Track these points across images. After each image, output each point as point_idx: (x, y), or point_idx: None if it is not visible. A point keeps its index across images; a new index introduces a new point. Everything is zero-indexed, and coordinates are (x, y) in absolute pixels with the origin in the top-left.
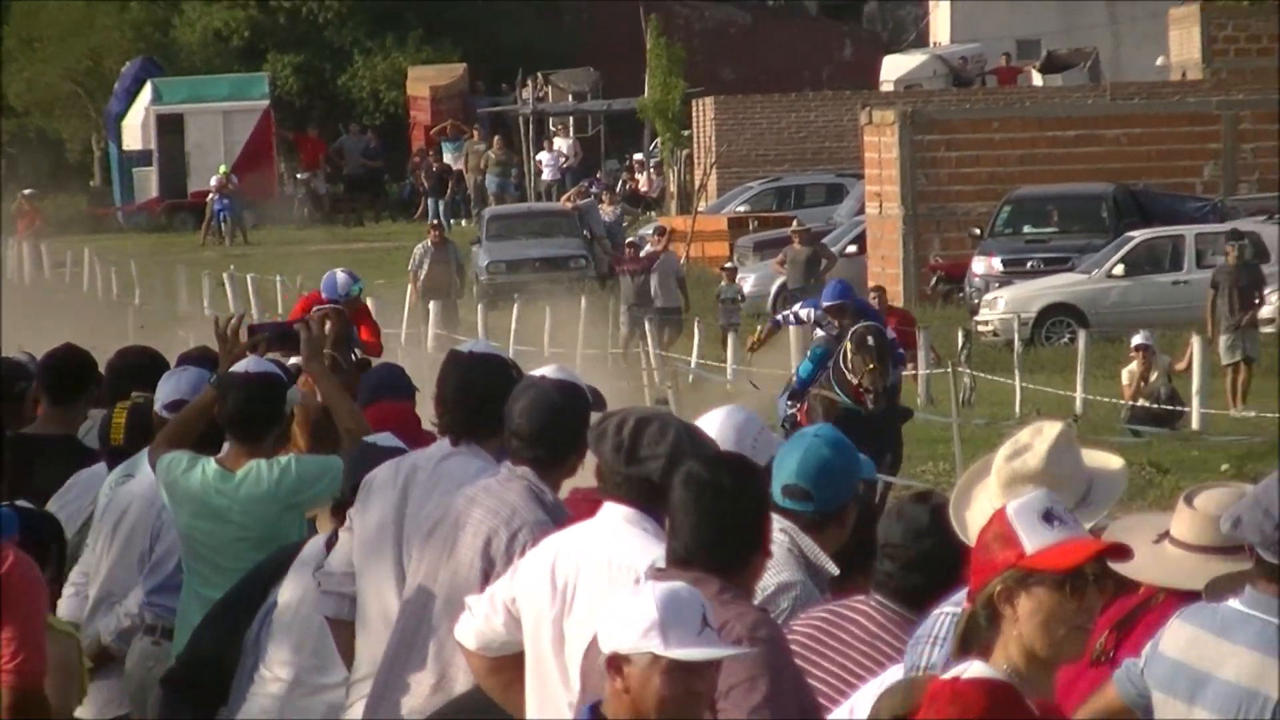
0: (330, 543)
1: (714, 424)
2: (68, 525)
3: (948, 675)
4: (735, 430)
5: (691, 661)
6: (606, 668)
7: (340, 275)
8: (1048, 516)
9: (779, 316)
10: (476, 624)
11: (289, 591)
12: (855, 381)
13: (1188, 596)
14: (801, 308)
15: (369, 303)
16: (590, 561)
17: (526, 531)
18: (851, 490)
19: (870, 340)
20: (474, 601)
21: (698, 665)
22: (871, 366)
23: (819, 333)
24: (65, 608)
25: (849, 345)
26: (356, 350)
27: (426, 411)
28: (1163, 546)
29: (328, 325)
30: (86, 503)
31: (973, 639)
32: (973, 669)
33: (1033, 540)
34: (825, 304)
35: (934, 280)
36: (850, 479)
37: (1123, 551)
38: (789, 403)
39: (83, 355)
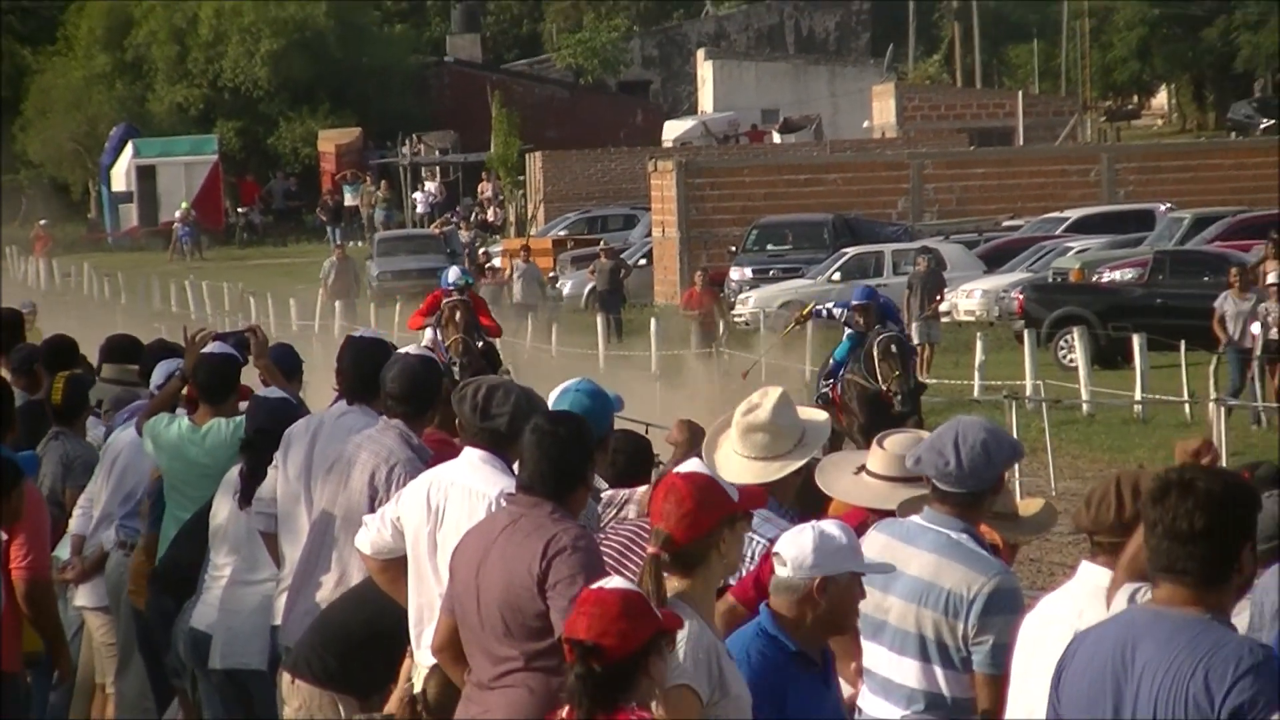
0: (242, 473)
1: (555, 392)
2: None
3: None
4: (559, 393)
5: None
6: (816, 592)
7: (453, 271)
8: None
9: (819, 308)
10: (371, 536)
11: (220, 512)
12: (885, 388)
13: (891, 515)
14: (835, 306)
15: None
16: (456, 489)
17: (400, 467)
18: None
19: (894, 349)
20: (369, 519)
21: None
22: (897, 374)
23: (848, 330)
24: (75, 524)
25: (875, 352)
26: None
27: (330, 380)
28: (861, 477)
29: (458, 315)
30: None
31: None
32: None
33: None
34: (854, 303)
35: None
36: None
37: (757, 500)
38: (825, 381)
39: (69, 341)
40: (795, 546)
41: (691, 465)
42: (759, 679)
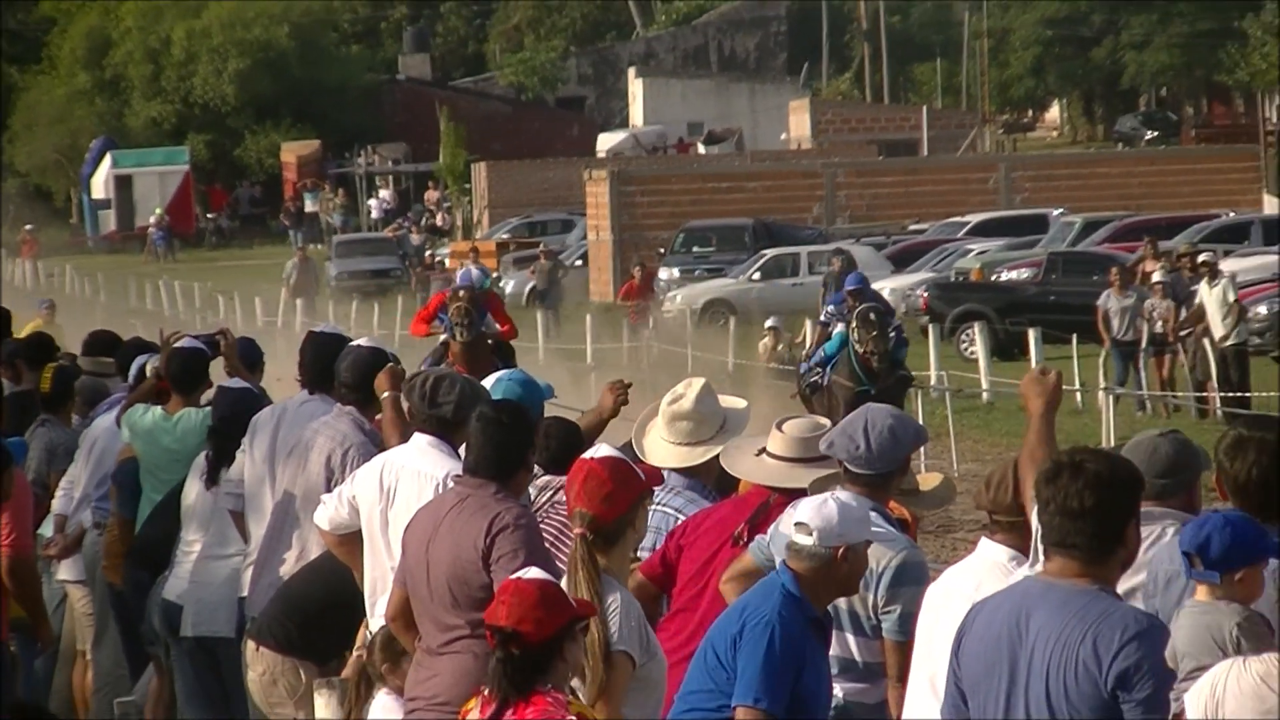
0: (208, 457)
1: (490, 380)
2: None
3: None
4: (493, 382)
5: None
6: (839, 558)
7: (474, 271)
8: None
9: (823, 319)
10: (329, 513)
11: (190, 493)
12: (862, 351)
13: (791, 494)
14: (829, 303)
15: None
16: (406, 471)
17: (354, 450)
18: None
19: (871, 316)
20: (327, 498)
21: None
22: (874, 334)
23: (840, 327)
24: (57, 504)
25: (855, 321)
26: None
27: (291, 370)
28: (762, 459)
29: (461, 293)
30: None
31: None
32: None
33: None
34: (847, 289)
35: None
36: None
37: (657, 478)
38: (815, 369)
39: (47, 337)
40: (821, 517)
41: (602, 450)
42: (788, 638)
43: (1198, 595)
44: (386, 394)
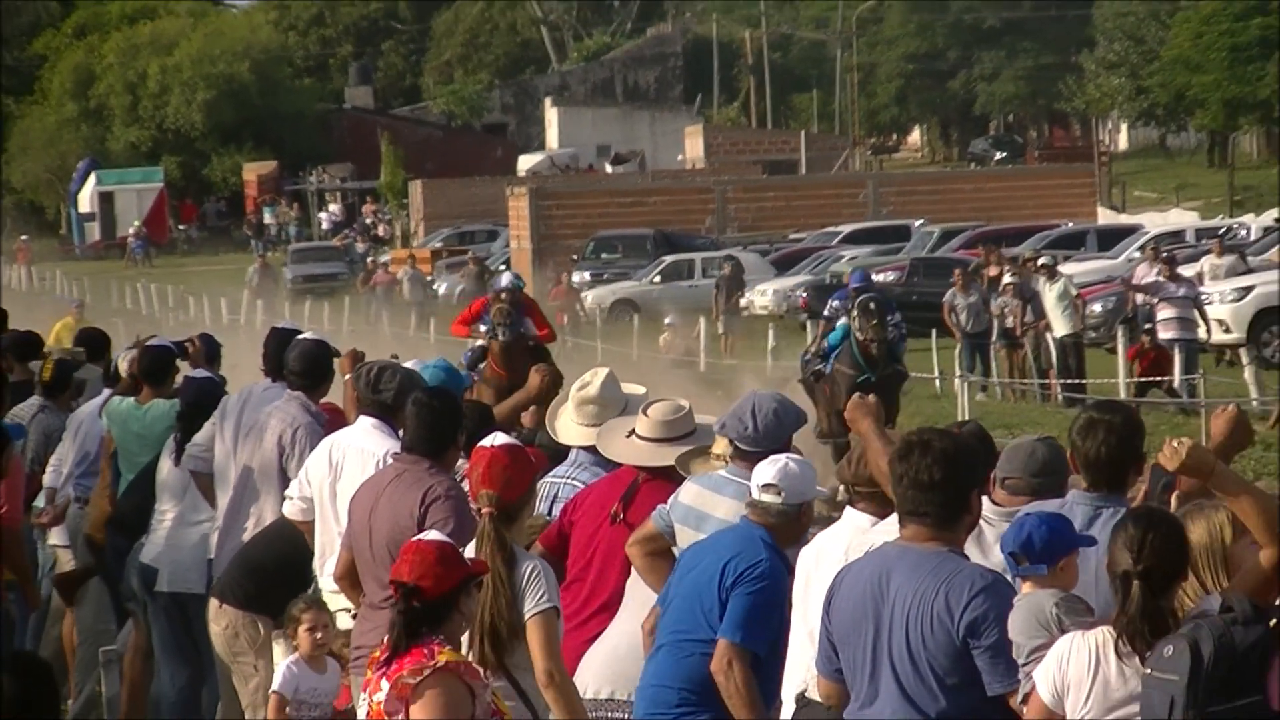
0: (176, 438)
1: (414, 365)
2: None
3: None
4: (419, 369)
5: None
6: (803, 514)
7: (506, 276)
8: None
9: (826, 314)
10: (297, 505)
11: (163, 469)
12: (862, 338)
13: (658, 471)
14: (833, 299)
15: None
16: (352, 449)
17: (302, 430)
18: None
19: (871, 305)
20: (290, 492)
21: None
22: (874, 323)
23: (842, 319)
24: (48, 479)
25: (856, 310)
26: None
27: (253, 362)
28: (632, 440)
29: (503, 296)
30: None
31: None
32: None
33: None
34: (852, 286)
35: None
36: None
37: (543, 459)
38: (819, 361)
39: (34, 335)
40: (788, 479)
41: (498, 439)
42: (781, 588)
43: (1023, 589)
44: (348, 376)
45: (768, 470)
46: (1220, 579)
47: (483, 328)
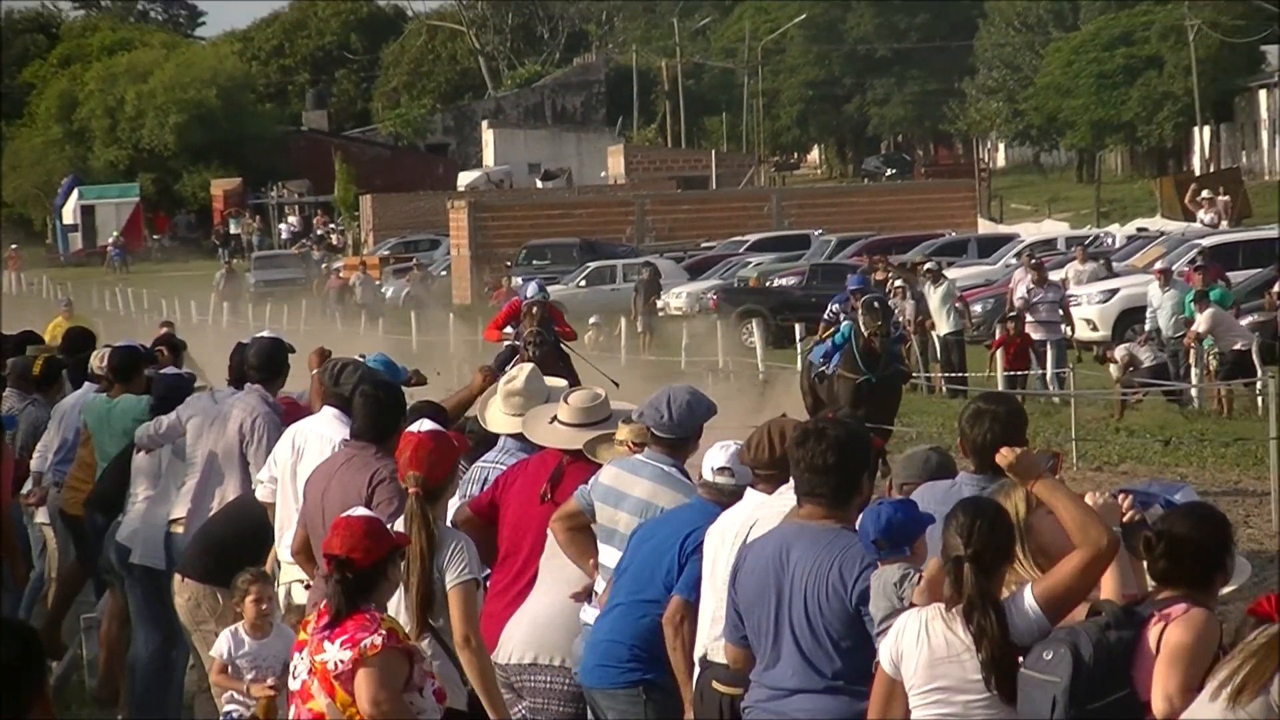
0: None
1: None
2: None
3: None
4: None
5: None
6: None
7: (531, 286)
8: None
9: (826, 317)
10: (266, 485)
11: (138, 457)
12: (867, 334)
13: (577, 453)
14: (833, 303)
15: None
16: (313, 435)
17: (261, 419)
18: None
19: (876, 305)
20: (261, 478)
21: None
22: (879, 322)
23: (845, 320)
24: (35, 464)
25: (860, 308)
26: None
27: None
28: (554, 425)
29: (534, 310)
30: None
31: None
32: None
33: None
34: (850, 289)
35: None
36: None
37: (465, 443)
38: (821, 360)
39: (28, 334)
40: (738, 465)
41: (424, 425)
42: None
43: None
44: (316, 370)
45: (720, 455)
46: (1026, 547)
47: (510, 330)
